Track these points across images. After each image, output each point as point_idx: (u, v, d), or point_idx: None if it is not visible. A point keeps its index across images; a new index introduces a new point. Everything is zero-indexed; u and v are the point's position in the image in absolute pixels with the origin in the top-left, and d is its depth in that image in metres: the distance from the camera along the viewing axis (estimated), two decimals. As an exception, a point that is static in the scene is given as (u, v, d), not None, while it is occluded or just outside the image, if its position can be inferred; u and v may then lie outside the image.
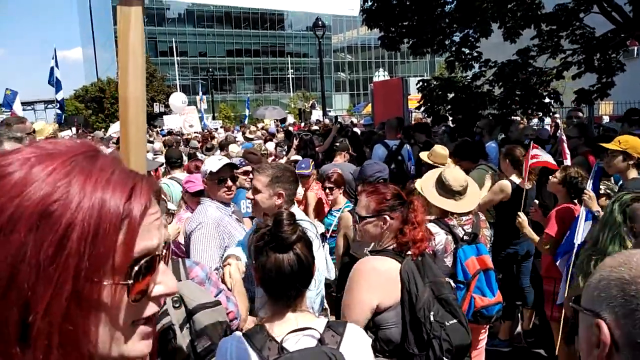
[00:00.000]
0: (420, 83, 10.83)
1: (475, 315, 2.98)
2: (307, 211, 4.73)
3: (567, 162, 4.64)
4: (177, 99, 21.81)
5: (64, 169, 0.59)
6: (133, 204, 0.61)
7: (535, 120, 12.97)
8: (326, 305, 2.94)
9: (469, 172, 4.77)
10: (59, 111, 10.00)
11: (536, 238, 3.96)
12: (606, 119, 14.00)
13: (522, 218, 3.98)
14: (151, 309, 0.66)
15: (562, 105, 10.40)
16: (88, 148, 0.65)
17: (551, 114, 10.54)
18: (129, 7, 1.26)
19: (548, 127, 12.16)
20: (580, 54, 9.41)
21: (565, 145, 4.79)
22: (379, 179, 3.67)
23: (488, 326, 3.24)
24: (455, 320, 2.09)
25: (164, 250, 0.67)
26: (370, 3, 10.51)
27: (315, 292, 2.48)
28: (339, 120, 13.70)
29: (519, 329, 4.92)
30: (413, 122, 10.92)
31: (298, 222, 1.71)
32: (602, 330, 0.88)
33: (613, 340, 0.87)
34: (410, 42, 10.84)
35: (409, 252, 2.20)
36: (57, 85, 9.82)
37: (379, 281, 2.13)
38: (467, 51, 10.53)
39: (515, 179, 4.50)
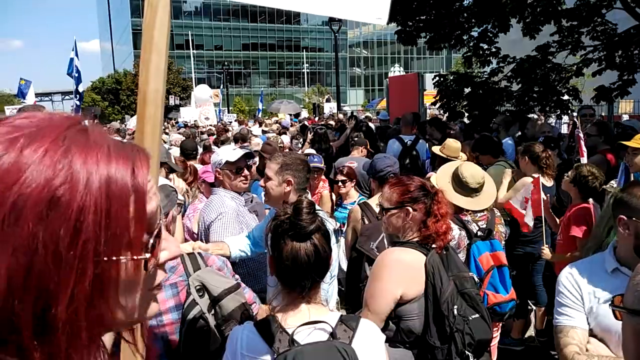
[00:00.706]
0: (437, 78, 10.72)
1: (488, 311, 2.95)
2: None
3: (584, 160, 4.58)
4: (205, 92, 21.50)
5: (58, 148, 0.55)
6: (138, 177, 0.60)
7: (552, 118, 12.77)
8: (337, 298, 2.94)
9: (489, 167, 4.74)
10: (77, 102, 10.04)
11: (564, 257, 3.88)
12: (626, 117, 13.74)
13: (546, 252, 3.96)
14: (161, 276, 0.67)
15: (581, 103, 10.22)
16: (73, 121, 0.60)
17: (569, 111, 10.36)
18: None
19: (565, 125, 11.97)
20: (601, 51, 9.22)
21: (583, 143, 4.72)
22: (389, 174, 3.65)
23: (501, 324, 3.22)
24: (477, 315, 2.08)
25: (162, 217, 0.67)
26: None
27: (327, 284, 2.48)
28: (354, 114, 13.60)
29: (531, 328, 4.87)
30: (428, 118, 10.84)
31: (317, 212, 1.68)
32: None
33: None
34: (428, 36, 10.72)
35: (434, 245, 2.18)
36: (77, 76, 9.84)
37: (403, 272, 2.11)
38: (485, 46, 10.37)
39: (535, 176, 4.47)
